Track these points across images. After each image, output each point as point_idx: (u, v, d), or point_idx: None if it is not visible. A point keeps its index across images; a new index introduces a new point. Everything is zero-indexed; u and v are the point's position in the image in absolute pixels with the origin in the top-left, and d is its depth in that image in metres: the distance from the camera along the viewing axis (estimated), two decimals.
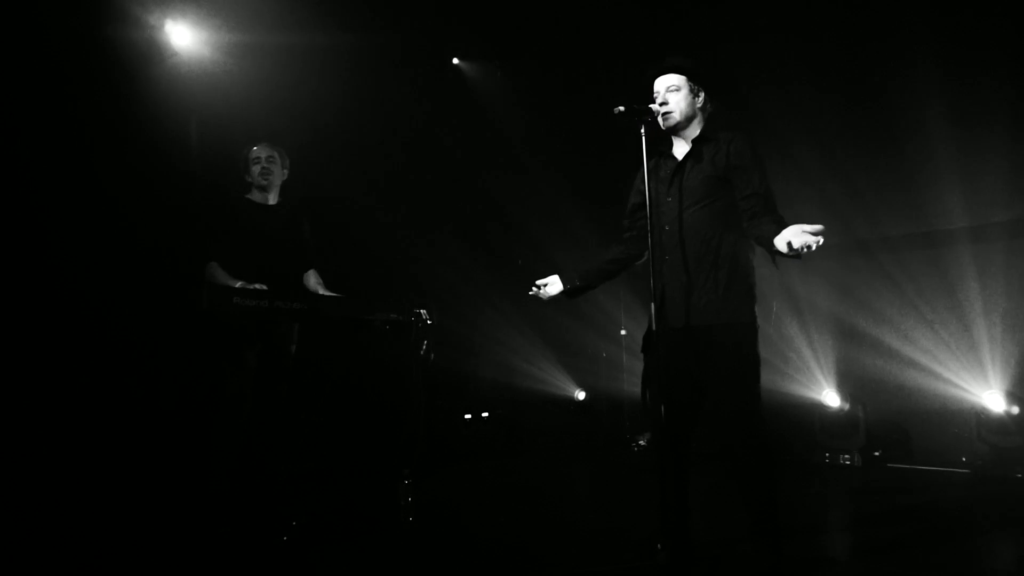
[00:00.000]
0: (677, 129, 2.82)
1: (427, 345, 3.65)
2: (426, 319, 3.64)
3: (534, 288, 3.08)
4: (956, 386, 5.29)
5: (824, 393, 5.84)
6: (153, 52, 4.68)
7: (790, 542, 2.86)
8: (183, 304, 3.97)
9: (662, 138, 2.88)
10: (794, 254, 2.38)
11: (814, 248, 2.33)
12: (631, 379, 6.99)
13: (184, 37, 4.82)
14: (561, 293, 3.04)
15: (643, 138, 2.66)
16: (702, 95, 2.82)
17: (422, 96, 6.10)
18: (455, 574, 2.90)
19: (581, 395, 7.45)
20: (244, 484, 3.56)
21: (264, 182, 3.78)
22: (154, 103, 4.49)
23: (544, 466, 5.93)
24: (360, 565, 2.99)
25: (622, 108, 2.64)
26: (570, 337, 7.30)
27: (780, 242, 2.43)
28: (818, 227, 2.33)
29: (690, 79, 2.80)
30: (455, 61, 6.76)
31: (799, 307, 6.16)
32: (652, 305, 2.58)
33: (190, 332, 4.34)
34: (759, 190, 2.68)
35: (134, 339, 4.37)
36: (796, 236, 2.35)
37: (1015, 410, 4.76)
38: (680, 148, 2.86)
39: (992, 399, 4.92)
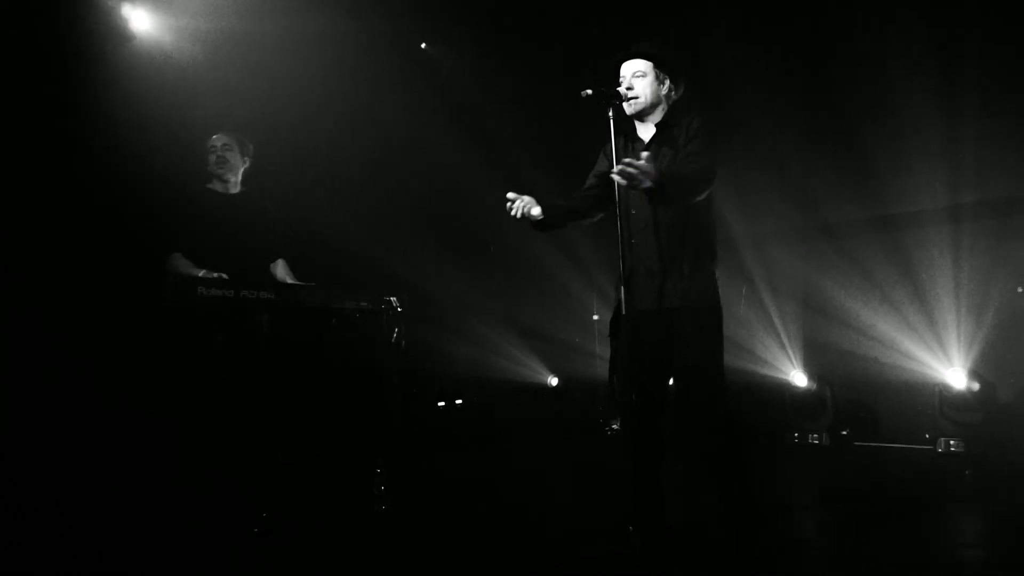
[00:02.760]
0: (642, 115, 2.83)
1: (398, 333, 3.63)
2: (396, 307, 3.61)
3: (509, 202, 2.81)
4: (920, 364, 5.42)
5: (792, 373, 5.93)
6: (111, 36, 4.55)
7: (762, 522, 2.90)
8: (147, 297, 3.89)
9: (627, 123, 2.87)
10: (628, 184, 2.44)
11: (635, 175, 2.38)
12: (603, 364, 7.02)
13: (143, 21, 4.69)
14: (538, 217, 2.80)
15: (611, 121, 2.66)
16: (667, 82, 2.83)
17: (390, 82, 6.03)
18: (430, 563, 2.90)
19: (554, 381, 7.48)
20: (215, 477, 3.51)
21: (220, 171, 3.72)
22: (112, 89, 4.37)
23: (519, 452, 5.94)
24: (333, 556, 2.97)
25: (589, 91, 2.63)
26: (542, 323, 7.32)
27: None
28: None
29: (656, 65, 2.80)
30: (423, 46, 6.69)
31: (767, 289, 6.24)
32: (622, 289, 2.59)
33: (156, 324, 4.26)
34: (694, 150, 2.67)
35: (99, 334, 4.27)
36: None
37: (976, 387, 4.87)
38: (645, 133, 2.87)
39: (954, 376, 5.03)
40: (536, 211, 2.78)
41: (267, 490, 3.72)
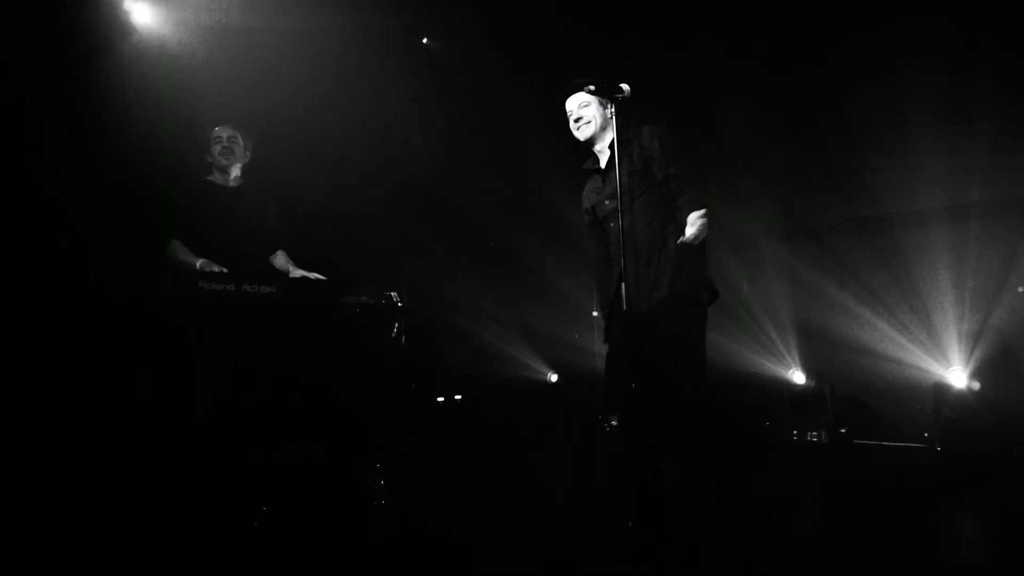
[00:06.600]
0: (594, 140, 2.95)
1: (398, 328, 3.63)
2: (397, 302, 3.61)
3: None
4: (919, 364, 5.42)
5: (791, 372, 5.93)
6: (113, 30, 4.54)
7: (759, 520, 2.91)
8: (148, 289, 3.89)
9: (585, 152, 3.04)
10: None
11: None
12: (602, 360, 7.02)
13: (144, 15, 4.68)
14: None
15: (614, 118, 2.68)
16: (608, 103, 2.92)
17: (391, 77, 6.01)
18: (428, 559, 2.90)
19: (554, 377, 7.49)
20: (215, 471, 3.51)
21: (225, 162, 3.71)
22: (114, 82, 4.36)
23: (517, 448, 5.95)
24: (332, 551, 2.97)
25: (592, 88, 2.65)
26: (542, 320, 7.32)
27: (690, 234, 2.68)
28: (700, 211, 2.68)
29: (595, 94, 2.91)
30: (424, 41, 6.67)
31: (766, 288, 6.24)
32: (614, 289, 2.62)
33: (157, 317, 4.26)
34: (674, 171, 2.81)
35: (98, 328, 4.27)
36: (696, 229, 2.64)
37: (976, 386, 4.88)
38: (603, 154, 2.98)
39: (954, 376, 5.04)
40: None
41: (267, 484, 3.72)
